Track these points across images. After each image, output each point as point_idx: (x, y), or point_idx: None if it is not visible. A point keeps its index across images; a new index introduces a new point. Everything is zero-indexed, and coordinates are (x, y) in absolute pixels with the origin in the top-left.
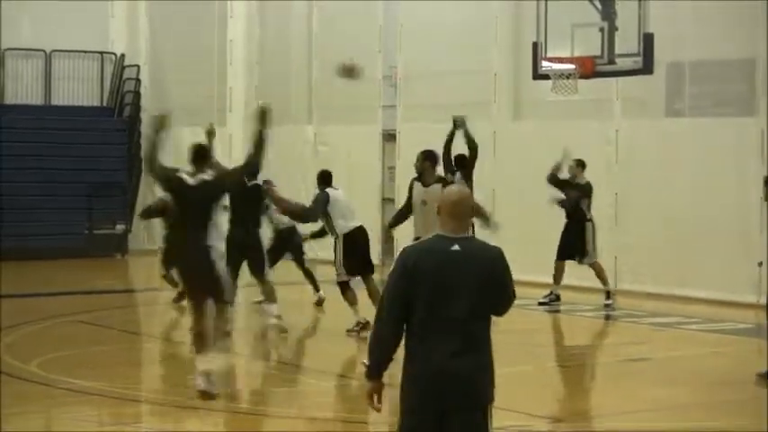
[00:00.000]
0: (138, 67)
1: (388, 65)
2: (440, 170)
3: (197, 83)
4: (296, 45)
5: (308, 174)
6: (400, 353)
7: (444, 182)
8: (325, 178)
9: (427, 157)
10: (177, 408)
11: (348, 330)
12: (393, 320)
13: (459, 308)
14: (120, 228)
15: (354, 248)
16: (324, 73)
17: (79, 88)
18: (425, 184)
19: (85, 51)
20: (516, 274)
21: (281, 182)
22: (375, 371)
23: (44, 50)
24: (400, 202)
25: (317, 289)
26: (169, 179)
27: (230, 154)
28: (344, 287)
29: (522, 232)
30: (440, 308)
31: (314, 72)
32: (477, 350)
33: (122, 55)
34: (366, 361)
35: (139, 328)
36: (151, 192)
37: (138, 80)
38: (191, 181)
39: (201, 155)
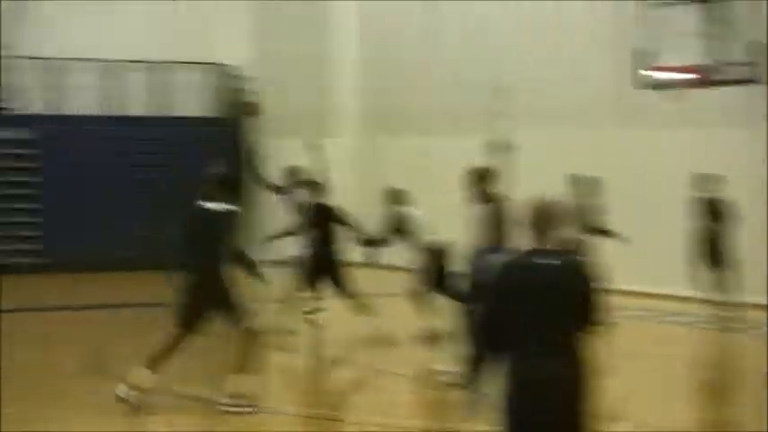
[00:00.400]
0: (247, 78)
1: (493, 73)
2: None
3: (307, 93)
4: (406, 57)
5: (416, 183)
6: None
7: (496, 199)
8: (396, 197)
9: (476, 175)
10: (310, 418)
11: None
12: (490, 336)
13: (550, 321)
14: None
15: (433, 263)
16: (436, 82)
17: (187, 99)
18: (478, 203)
19: (194, 63)
20: (622, 285)
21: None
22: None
23: (153, 61)
24: None
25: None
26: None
27: (341, 166)
28: (416, 296)
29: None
30: (533, 322)
31: (424, 81)
32: (573, 362)
33: (231, 66)
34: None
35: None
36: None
37: (247, 91)
38: (209, 206)
39: (223, 183)
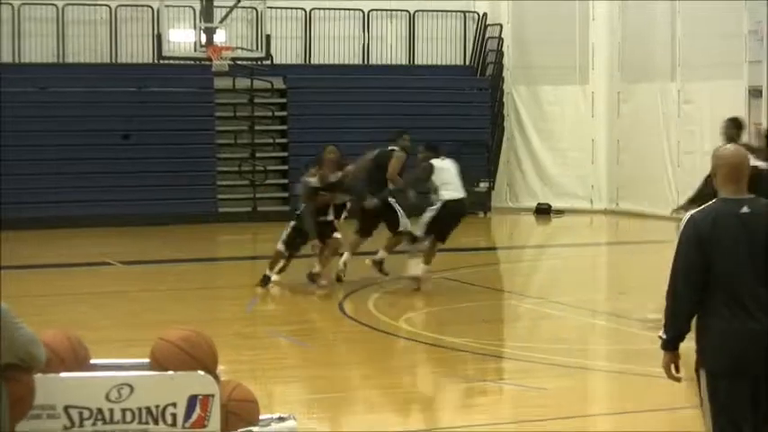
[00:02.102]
0: (501, 25)
1: (754, 19)
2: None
3: (559, 41)
4: (658, 1)
5: (671, 132)
6: None
7: (751, 149)
8: (432, 148)
9: (732, 125)
10: (541, 365)
11: None
12: (690, 292)
13: (753, 270)
14: (483, 186)
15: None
16: (688, 28)
17: (442, 48)
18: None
19: (448, 11)
20: None
21: (642, 139)
22: (672, 343)
23: (408, 11)
24: None
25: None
26: None
27: (592, 111)
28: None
29: None
30: (738, 274)
31: (678, 28)
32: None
33: (485, 14)
34: (662, 334)
35: (502, 285)
36: (513, 150)
37: (500, 39)
38: None
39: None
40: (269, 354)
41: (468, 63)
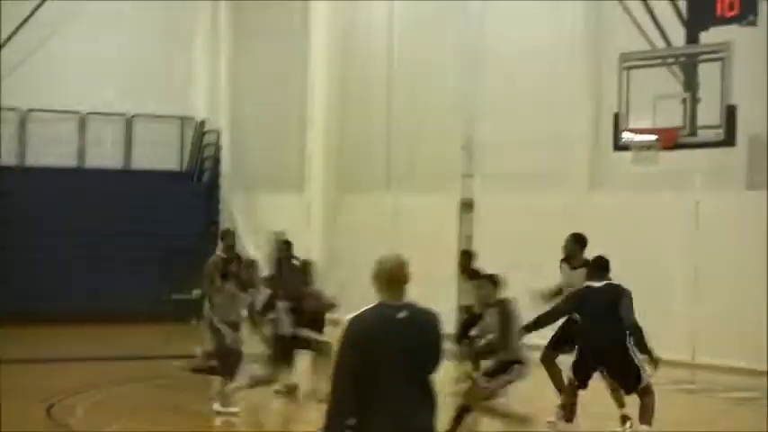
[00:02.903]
0: (218, 132)
1: (465, 133)
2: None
3: (277, 148)
4: (376, 113)
5: (384, 244)
6: None
7: (589, 265)
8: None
9: (577, 240)
10: None
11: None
12: (349, 391)
13: (408, 371)
14: (196, 293)
15: None
16: (402, 140)
17: (159, 153)
18: (572, 267)
19: (166, 116)
20: None
21: (356, 250)
22: None
23: (125, 114)
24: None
25: None
26: None
27: (309, 221)
28: None
29: None
30: (394, 375)
31: (392, 140)
32: (426, 410)
33: (202, 120)
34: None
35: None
36: None
37: (217, 146)
38: None
39: None
40: None
41: (184, 169)
